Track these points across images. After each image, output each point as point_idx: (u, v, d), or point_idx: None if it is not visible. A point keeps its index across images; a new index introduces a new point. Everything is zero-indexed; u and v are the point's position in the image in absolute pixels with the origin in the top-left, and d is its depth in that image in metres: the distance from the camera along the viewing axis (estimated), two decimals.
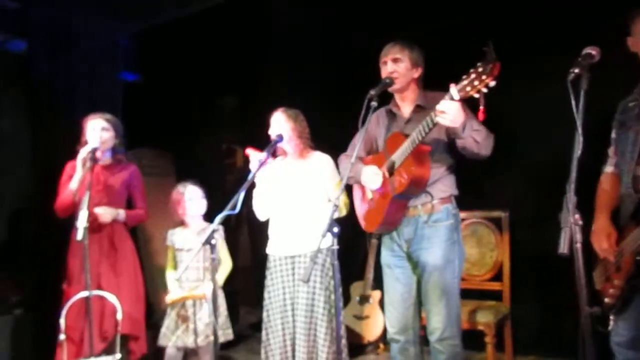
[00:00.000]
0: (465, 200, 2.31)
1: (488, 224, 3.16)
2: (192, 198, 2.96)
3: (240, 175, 4.58)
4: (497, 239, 3.11)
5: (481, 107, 1.73)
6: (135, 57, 3.89)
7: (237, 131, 4.70)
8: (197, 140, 4.33)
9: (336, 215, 2.30)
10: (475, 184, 3.06)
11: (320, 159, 2.70)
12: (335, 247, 1.79)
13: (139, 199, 2.98)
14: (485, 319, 2.79)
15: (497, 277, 3.07)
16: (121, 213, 2.87)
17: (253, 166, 2.47)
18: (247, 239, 4.72)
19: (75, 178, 2.72)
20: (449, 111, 1.88)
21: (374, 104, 2.05)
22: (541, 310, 3.12)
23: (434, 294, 2.15)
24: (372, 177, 2.22)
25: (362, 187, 2.39)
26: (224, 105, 4.64)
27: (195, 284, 2.86)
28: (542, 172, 2.98)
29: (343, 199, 2.63)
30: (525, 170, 3.12)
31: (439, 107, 1.88)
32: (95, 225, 2.78)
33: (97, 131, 2.82)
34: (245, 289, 4.46)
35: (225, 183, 4.62)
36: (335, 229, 1.79)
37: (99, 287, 2.74)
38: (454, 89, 1.82)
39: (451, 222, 2.19)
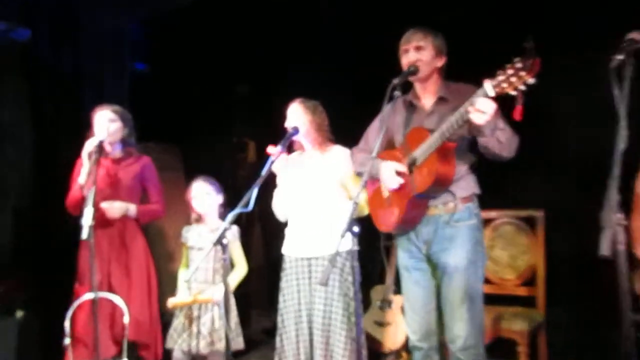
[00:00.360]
0: (493, 198, 2.30)
1: (519, 224, 3.12)
2: (196, 195, 2.98)
3: (253, 171, 4.62)
4: (529, 240, 3.07)
5: (518, 106, 1.70)
6: (143, 45, 3.93)
7: (249, 124, 4.72)
8: (206, 134, 4.36)
9: (356, 214, 2.30)
10: (505, 181, 3.03)
11: (341, 153, 2.70)
12: (356, 248, 1.78)
13: (153, 192, 3.00)
14: (517, 326, 2.76)
15: (530, 281, 3.03)
16: (131, 208, 2.88)
17: (274, 165, 2.49)
18: (259, 238, 4.74)
19: (82, 172, 2.76)
20: (487, 110, 1.84)
21: (397, 93, 2.05)
22: (579, 318, 3.07)
23: (455, 299, 2.13)
24: (392, 175, 2.20)
25: (375, 183, 2.38)
26: (236, 96, 4.65)
27: (202, 286, 2.88)
28: (580, 167, 2.94)
29: (365, 197, 2.61)
30: (561, 165, 3.07)
31: (478, 105, 1.84)
32: (104, 222, 2.81)
33: (104, 122, 2.85)
34: (257, 292, 4.48)
35: (236, 179, 4.64)
36: (356, 229, 1.80)
37: (110, 288, 2.77)
38: (488, 85, 1.79)
39: (474, 221, 2.18)
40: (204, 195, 2.97)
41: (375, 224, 2.40)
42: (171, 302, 2.82)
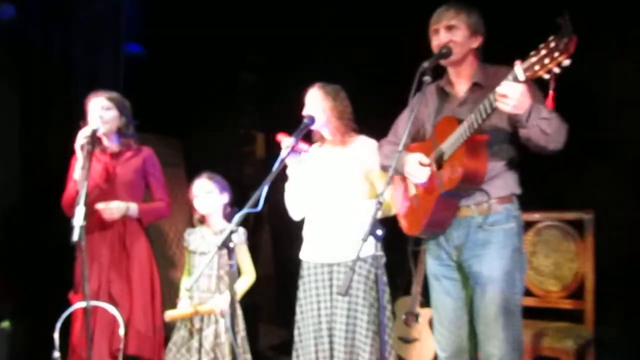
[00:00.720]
0: (536, 198, 2.28)
1: (566, 228, 3.09)
2: (198, 194, 2.99)
3: (262, 166, 4.63)
4: (577, 246, 3.04)
5: (551, 92, 1.70)
6: (140, 26, 3.95)
7: (258, 113, 4.73)
8: (210, 125, 4.38)
9: (381, 215, 2.30)
10: (550, 179, 3.01)
11: (366, 144, 2.70)
12: (380, 253, 1.78)
13: (157, 189, 3.02)
14: (562, 344, 2.73)
15: (577, 293, 3.00)
16: (132, 207, 2.90)
17: (283, 155, 2.49)
18: (269, 242, 4.76)
19: (77, 168, 2.78)
20: (512, 95, 1.85)
21: (427, 79, 2.03)
22: (632, 335, 3.04)
23: (489, 313, 2.12)
24: (417, 167, 2.20)
25: (404, 180, 2.38)
26: (243, 82, 4.66)
27: (205, 295, 2.90)
28: (637, 163, 2.91)
29: (392, 195, 2.62)
30: (615, 160, 3.03)
31: (499, 89, 1.85)
32: (102, 224, 2.84)
33: (97, 111, 2.87)
34: (267, 302, 4.49)
35: (243, 175, 4.66)
36: (379, 232, 1.79)
37: (109, 297, 2.80)
38: (519, 68, 1.79)
39: (512, 225, 2.16)
40: (206, 194, 2.99)
41: (401, 226, 2.40)
42: (168, 315, 2.82)
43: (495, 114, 1.97)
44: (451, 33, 2.19)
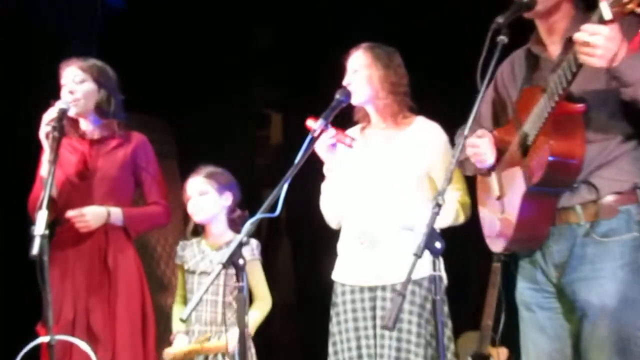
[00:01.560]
0: None
1: None
2: (192, 195, 3.01)
3: (279, 157, 4.63)
4: None
5: None
6: None
7: (274, 87, 4.73)
8: (210, 103, 4.40)
9: (442, 223, 2.28)
10: None
11: (426, 129, 2.70)
12: (439, 274, 1.78)
13: (151, 188, 3.05)
14: None
15: None
16: (115, 213, 2.92)
17: (318, 147, 2.50)
18: (289, 258, 4.78)
19: (43, 161, 2.81)
20: (596, 40, 1.82)
21: (502, 38, 2.00)
22: None
23: (602, 354, 2.09)
24: (474, 149, 2.22)
25: (486, 178, 2.37)
26: (255, 44, 4.66)
27: (206, 328, 2.93)
28: None
29: (458, 197, 2.61)
30: None
31: (578, 35, 1.85)
32: (78, 234, 2.87)
33: (68, 85, 2.90)
34: (286, 339, 4.53)
35: (254, 169, 4.68)
36: (439, 245, 1.79)
37: (89, 331, 2.83)
38: (604, 4, 1.77)
39: (634, 235, 2.11)
40: (198, 196, 3.00)
41: (486, 240, 2.39)
42: (168, 354, 2.86)
43: (588, 73, 1.95)
44: None
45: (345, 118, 2.73)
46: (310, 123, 2.56)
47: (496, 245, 2.33)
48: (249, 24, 4.55)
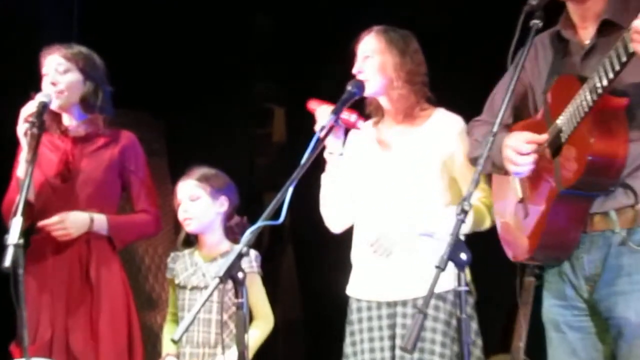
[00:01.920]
0: None
1: None
2: (182, 200, 3.01)
3: (283, 156, 4.63)
4: None
5: None
6: None
7: (276, 78, 4.74)
8: (206, 96, 4.41)
9: (465, 229, 2.27)
10: None
11: (447, 122, 2.70)
12: (466, 288, 1.80)
13: (139, 194, 3.05)
14: None
15: None
16: (98, 220, 2.93)
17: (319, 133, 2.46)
18: (293, 270, 4.78)
19: (20, 160, 2.82)
20: None
21: (536, 22, 2.01)
22: None
23: None
24: (514, 152, 2.18)
25: (507, 179, 2.37)
26: (257, 30, 4.66)
27: (200, 350, 2.93)
28: None
29: (482, 197, 2.61)
30: None
31: (636, 22, 1.83)
32: (56, 244, 2.88)
33: (50, 75, 2.90)
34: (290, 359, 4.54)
35: (255, 170, 4.69)
36: (464, 256, 1.79)
37: (68, 353, 2.83)
38: None
39: None
40: (189, 202, 3.00)
41: (504, 247, 2.40)
42: None
43: (630, 64, 1.93)
44: None
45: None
46: (312, 104, 2.56)
47: (518, 255, 2.34)
48: (247, 11, 4.56)
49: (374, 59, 2.67)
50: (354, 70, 2.66)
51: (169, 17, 4.24)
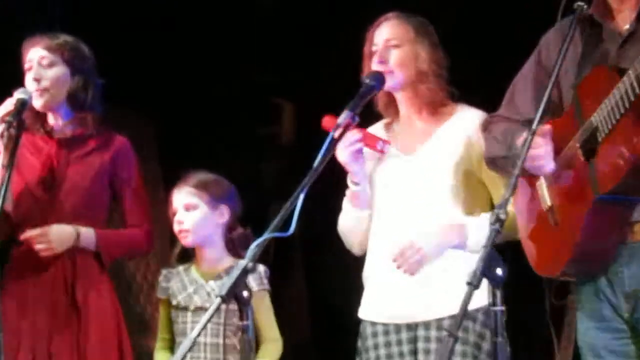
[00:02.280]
0: None
1: None
2: (177, 210, 3.03)
3: (292, 159, 4.63)
4: None
5: None
6: None
7: (284, 70, 4.74)
8: (202, 89, 4.43)
9: (501, 239, 2.27)
10: None
11: (472, 119, 2.71)
12: (500, 308, 1.79)
13: (132, 205, 3.08)
14: None
15: None
16: (85, 234, 2.94)
17: (339, 152, 2.52)
18: (303, 288, 4.79)
19: None
20: None
21: (580, 5, 2.05)
22: None
23: None
24: (538, 151, 2.20)
25: (532, 183, 2.37)
26: (259, 14, 4.66)
27: None
28: None
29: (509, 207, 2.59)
30: None
31: None
32: (37, 260, 2.88)
33: (34, 69, 2.92)
34: None
35: (261, 175, 4.70)
36: (499, 271, 1.78)
37: None
38: None
39: None
40: (184, 212, 3.01)
41: (529, 259, 2.40)
42: None
43: None
44: None
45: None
46: (327, 121, 2.56)
47: (547, 269, 2.34)
48: None
49: (402, 49, 2.68)
50: (377, 60, 2.66)
51: (160, 6, 4.25)
